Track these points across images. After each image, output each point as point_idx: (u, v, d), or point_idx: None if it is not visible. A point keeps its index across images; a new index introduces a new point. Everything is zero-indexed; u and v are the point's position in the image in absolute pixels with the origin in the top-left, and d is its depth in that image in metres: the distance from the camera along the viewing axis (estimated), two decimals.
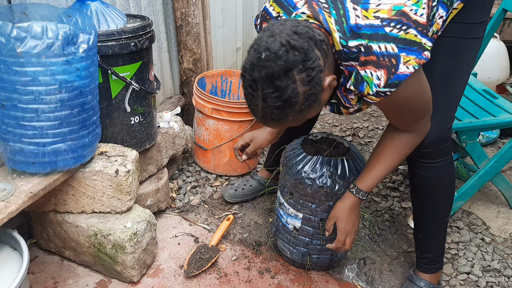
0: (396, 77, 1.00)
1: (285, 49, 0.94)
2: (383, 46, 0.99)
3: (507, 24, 3.27)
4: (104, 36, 1.38)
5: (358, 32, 1.01)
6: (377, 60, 1.00)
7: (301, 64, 0.95)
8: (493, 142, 2.52)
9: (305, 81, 0.96)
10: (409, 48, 0.99)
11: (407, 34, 0.99)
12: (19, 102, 1.18)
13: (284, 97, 0.96)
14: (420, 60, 1.00)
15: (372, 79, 1.02)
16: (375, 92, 1.03)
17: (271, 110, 0.99)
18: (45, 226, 1.55)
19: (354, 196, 1.29)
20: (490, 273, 1.65)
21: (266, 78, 0.95)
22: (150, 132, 1.67)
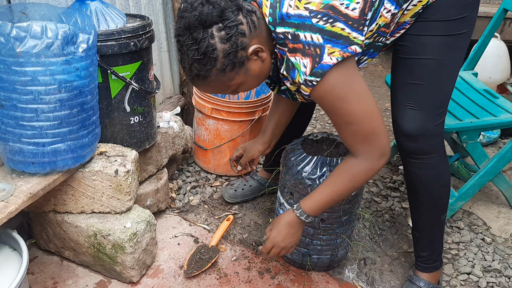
0: (320, 66, 1.03)
1: (201, 2, 1.01)
2: (309, 36, 1.03)
3: (508, 24, 3.27)
4: (103, 36, 1.38)
5: (287, 21, 1.05)
6: (303, 48, 1.04)
7: (219, 21, 1.01)
8: (493, 142, 2.51)
9: (224, 38, 1.02)
10: (335, 41, 1.03)
11: (333, 27, 1.04)
12: (18, 102, 1.18)
13: (202, 49, 1.02)
14: (345, 53, 1.03)
15: (300, 67, 1.06)
16: (303, 80, 1.07)
17: (193, 63, 1.05)
18: (44, 226, 1.55)
19: (293, 212, 1.26)
20: (490, 274, 1.65)
21: (185, 29, 1.02)
22: (149, 132, 1.67)
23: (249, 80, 1.14)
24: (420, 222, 1.45)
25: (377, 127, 1.12)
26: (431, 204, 1.40)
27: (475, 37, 2.14)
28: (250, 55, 1.08)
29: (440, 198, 1.40)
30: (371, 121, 1.11)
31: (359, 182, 1.18)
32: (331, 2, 1.05)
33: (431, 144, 1.30)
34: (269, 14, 1.07)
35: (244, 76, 1.11)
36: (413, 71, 1.26)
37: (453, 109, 1.83)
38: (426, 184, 1.36)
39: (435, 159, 1.33)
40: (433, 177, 1.35)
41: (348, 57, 1.04)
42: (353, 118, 1.10)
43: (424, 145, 1.29)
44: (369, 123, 1.11)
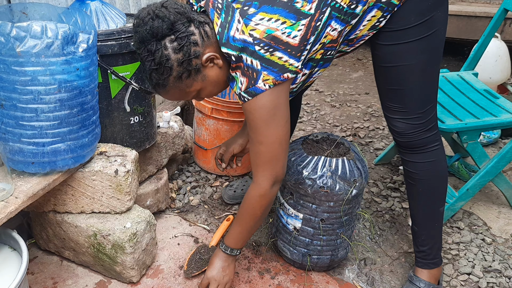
0: (253, 89, 1.13)
1: (150, 17, 1.09)
2: (249, 60, 1.12)
3: (508, 24, 3.27)
4: (103, 36, 1.38)
5: (232, 44, 1.13)
6: (243, 68, 1.14)
7: (169, 32, 1.09)
8: (494, 142, 2.51)
9: (176, 49, 1.10)
10: (271, 69, 1.12)
11: (272, 56, 1.12)
12: (18, 101, 1.18)
13: (157, 60, 1.11)
14: (277, 81, 1.13)
15: (238, 82, 1.16)
16: (238, 93, 1.17)
17: (151, 73, 1.14)
18: (44, 226, 1.55)
19: (223, 252, 1.41)
20: (491, 274, 1.64)
21: (140, 42, 1.11)
22: (149, 132, 1.67)
23: (208, 86, 1.22)
24: (419, 215, 1.48)
25: (281, 154, 1.23)
26: (429, 195, 1.43)
27: (476, 37, 2.14)
28: (205, 63, 1.16)
29: (437, 188, 1.43)
30: (279, 147, 1.22)
31: (257, 210, 1.30)
32: (274, 32, 1.12)
33: (424, 138, 1.36)
34: (218, 32, 1.15)
35: (202, 83, 1.19)
36: (389, 77, 1.32)
37: (453, 109, 1.83)
38: (423, 174, 1.40)
39: (431, 150, 1.38)
40: (430, 167, 1.40)
41: (280, 83, 1.14)
42: (266, 139, 1.20)
43: (416, 140, 1.36)
44: (277, 148, 1.22)
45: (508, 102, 1.91)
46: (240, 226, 1.36)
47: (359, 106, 3.06)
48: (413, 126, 1.33)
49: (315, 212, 1.45)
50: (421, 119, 1.33)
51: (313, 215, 1.46)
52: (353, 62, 3.95)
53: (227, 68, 1.21)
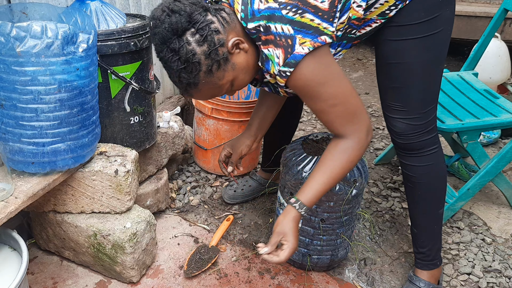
0: (293, 57, 1.05)
1: (166, 13, 1.03)
2: (279, 27, 1.05)
3: (508, 24, 3.27)
4: (103, 36, 1.38)
5: (258, 15, 1.07)
6: (275, 39, 1.06)
7: (190, 26, 1.03)
8: (494, 142, 2.51)
9: (200, 41, 1.04)
10: (304, 31, 1.05)
11: (302, 18, 1.05)
12: (18, 101, 1.18)
13: (183, 58, 1.05)
14: (315, 43, 1.05)
15: (274, 58, 1.08)
16: (278, 71, 1.09)
17: (180, 74, 1.08)
18: (44, 226, 1.55)
19: (297, 211, 1.21)
20: (491, 274, 1.64)
21: (162, 44, 1.05)
22: (149, 132, 1.67)
23: (240, 74, 1.15)
24: (418, 217, 1.47)
25: (360, 105, 1.16)
26: (428, 197, 1.42)
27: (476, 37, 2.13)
28: (231, 50, 1.10)
29: (436, 191, 1.43)
30: (355, 100, 1.15)
31: (354, 163, 1.20)
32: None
33: (423, 140, 1.34)
34: (241, 10, 1.09)
35: (233, 72, 1.13)
36: (392, 75, 1.30)
37: (453, 109, 1.83)
38: (422, 177, 1.39)
39: (430, 153, 1.36)
40: (429, 170, 1.38)
41: (319, 46, 1.06)
42: (339, 99, 1.13)
43: (415, 141, 1.34)
44: (354, 102, 1.15)
45: (508, 102, 1.91)
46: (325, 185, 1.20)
47: None
48: (413, 127, 1.32)
49: (315, 212, 1.45)
50: (421, 120, 1.32)
51: (313, 215, 1.46)
52: (353, 62, 3.95)
53: (255, 51, 1.15)
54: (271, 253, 1.19)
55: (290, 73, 1.08)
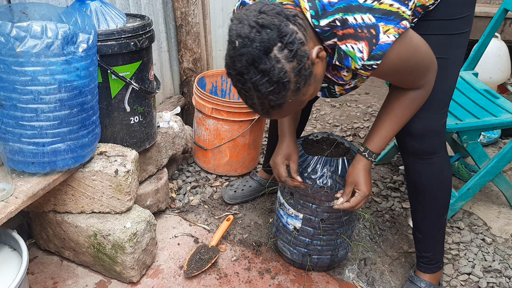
0: (379, 48, 0.98)
1: (256, 30, 0.91)
2: (359, 18, 0.97)
3: (508, 24, 3.26)
4: (103, 36, 1.38)
5: (331, 10, 0.99)
6: (355, 32, 0.98)
7: (278, 41, 0.92)
8: (494, 142, 2.51)
9: (289, 57, 0.93)
10: (386, 18, 0.98)
11: (381, 4, 0.98)
12: (18, 101, 1.18)
13: (274, 79, 0.93)
14: (399, 29, 0.99)
15: (355, 53, 1.00)
16: (361, 66, 1.02)
17: (267, 97, 0.96)
18: (44, 226, 1.55)
19: (367, 159, 1.26)
20: (491, 274, 1.64)
21: (249, 65, 0.93)
22: (149, 132, 1.67)
23: (317, 85, 1.07)
24: (423, 223, 1.44)
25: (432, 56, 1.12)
26: (434, 204, 1.40)
27: (476, 37, 2.14)
28: (314, 60, 1.00)
29: (443, 198, 1.40)
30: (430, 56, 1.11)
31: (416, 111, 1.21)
32: None
33: (435, 144, 1.30)
34: (309, 8, 1.00)
35: (314, 84, 1.03)
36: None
37: (453, 109, 1.83)
38: (430, 184, 1.35)
39: (439, 159, 1.33)
40: (437, 177, 1.35)
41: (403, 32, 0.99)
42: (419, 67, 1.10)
43: (428, 145, 1.30)
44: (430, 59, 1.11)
45: (508, 102, 1.91)
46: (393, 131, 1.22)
47: (359, 106, 3.06)
48: (430, 128, 1.27)
49: (315, 212, 1.45)
50: (438, 121, 1.28)
51: (313, 215, 1.46)
52: None
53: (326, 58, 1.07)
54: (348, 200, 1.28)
55: (377, 66, 1.01)
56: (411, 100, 1.19)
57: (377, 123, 1.25)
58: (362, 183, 1.27)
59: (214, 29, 2.51)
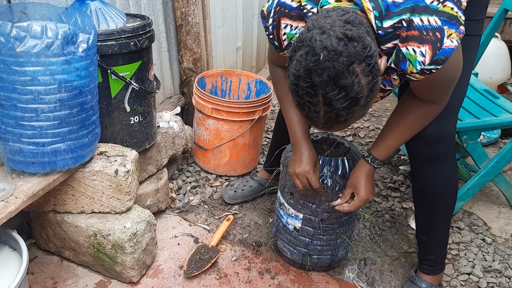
0: (442, 52, 0.94)
1: (344, 42, 0.85)
2: (425, 19, 0.93)
3: (508, 24, 3.27)
4: (103, 36, 1.38)
5: (396, 10, 0.94)
6: (420, 35, 0.94)
7: (361, 55, 0.86)
8: (494, 142, 2.51)
9: (367, 71, 0.88)
10: (449, 21, 0.94)
11: (444, 7, 0.95)
12: (18, 101, 1.18)
13: (351, 95, 0.88)
14: (459, 34, 0.95)
15: (416, 57, 0.96)
16: (419, 70, 0.98)
17: (338, 112, 0.91)
18: (44, 226, 1.55)
19: (369, 165, 1.26)
20: (491, 274, 1.64)
21: (329, 80, 0.86)
22: (149, 132, 1.67)
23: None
24: (431, 227, 1.43)
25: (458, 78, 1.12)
26: (442, 208, 1.38)
27: None
28: (382, 72, 0.96)
29: (452, 201, 1.39)
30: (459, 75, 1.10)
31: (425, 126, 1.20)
32: None
33: (447, 148, 1.28)
34: (373, 8, 0.95)
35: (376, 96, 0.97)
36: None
37: None
38: (442, 189, 1.34)
39: (450, 163, 1.31)
40: (448, 181, 1.33)
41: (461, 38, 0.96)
42: (453, 82, 1.09)
43: (441, 149, 1.27)
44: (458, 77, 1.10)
45: (508, 102, 1.91)
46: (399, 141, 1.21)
47: None
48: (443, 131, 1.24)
49: (315, 212, 1.45)
50: (451, 124, 1.26)
51: (313, 215, 1.46)
52: None
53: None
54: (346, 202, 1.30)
55: (436, 70, 0.97)
56: (426, 114, 1.18)
57: (386, 130, 1.24)
58: (362, 188, 1.27)
59: (214, 29, 2.51)
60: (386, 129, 1.25)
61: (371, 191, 1.29)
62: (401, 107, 1.22)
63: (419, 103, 1.17)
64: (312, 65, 0.86)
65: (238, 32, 2.88)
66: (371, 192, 1.29)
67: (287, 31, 1.13)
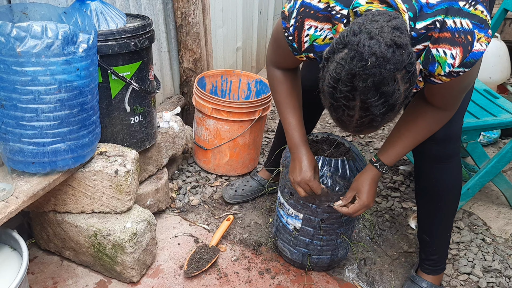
0: (472, 55, 0.94)
1: (392, 50, 0.84)
2: (458, 22, 0.93)
3: (508, 24, 3.27)
4: (104, 36, 1.38)
5: (429, 12, 0.94)
6: (452, 37, 0.93)
7: (407, 62, 0.86)
8: (494, 142, 2.51)
9: (406, 78, 0.88)
10: (479, 25, 0.94)
11: (476, 10, 0.94)
12: (18, 101, 1.18)
13: (390, 101, 0.87)
14: (488, 38, 0.95)
15: (446, 59, 0.95)
16: (447, 72, 0.97)
17: (373, 118, 0.90)
18: (44, 226, 1.55)
19: (377, 170, 1.25)
20: (491, 274, 1.65)
21: (372, 86, 0.85)
22: (150, 132, 1.67)
23: None
24: (435, 227, 1.43)
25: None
26: (446, 208, 1.39)
27: None
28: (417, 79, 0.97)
29: (456, 201, 1.39)
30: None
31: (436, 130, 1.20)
32: None
33: (454, 148, 1.29)
34: (407, 9, 0.94)
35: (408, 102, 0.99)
36: None
37: None
38: (448, 188, 1.34)
39: (455, 163, 1.32)
40: (454, 181, 1.34)
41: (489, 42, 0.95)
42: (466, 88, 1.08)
43: (449, 149, 1.28)
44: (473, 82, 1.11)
45: (508, 102, 1.91)
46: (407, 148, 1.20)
47: None
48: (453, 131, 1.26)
49: (315, 212, 1.45)
50: (459, 124, 1.27)
51: (313, 215, 1.46)
52: None
53: None
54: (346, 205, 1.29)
55: (463, 73, 0.97)
56: (437, 120, 1.18)
57: (396, 136, 1.23)
58: (364, 192, 1.27)
59: (214, 29, 2.51)
60: (397, 134, 1.23)
61: (373, 197, 1.29)
62: (411, 113, 1.21)
63: (431, 109, 1.16)
64: (358, 70, 0.84)
65: (238, 32, 2.88)
66: (372, 198, 1.28)
67: (311, 33, 1.10)
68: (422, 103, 1.18)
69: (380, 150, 1.28)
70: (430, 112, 1.17)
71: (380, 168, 1.25)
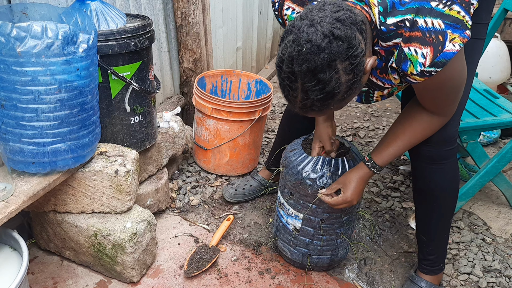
0: (443, 55, 0.95)
1: (328, 40, 0.88)
2: (429, 21, 0.94)
3: (508, 24, 3.27)
4: (104, 36, 1.38)
5: (401, 9, 0.95)
6: (423, 37, 0.95)
7: (345, 54, 0.90)
8: (494, 142, 2.51)
9: (348, 69, 0.92)
10: (454, 25, 0.94)
11: (451, 11, 0.95)
12: (18, 102, 1.18)
13: (327, 89, 0.92)
14: (464, 38, 0.95)
15: (417, 58, 0.97)
16: (419, 71, 0.98)
17: (312, 102, 0.95)
18: (44, 226, 1.55)
19: (368, 169, 1.27)
20: (491, 274, 1.65)
21: (308, 72, 0.90)
22: (150, 132, 1.67)
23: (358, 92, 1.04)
24: (432, 227, 1.43)
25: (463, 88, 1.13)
26: (443, 208, 1.39)
27: None
28: (367, 72, 0.99)
29: (453, 202, 1.40)
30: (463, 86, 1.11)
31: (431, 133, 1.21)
32: None
33: (449, 149, 1.29)
34: (378, 4, 0.97)
35: (356, 93, 1.01)
36: None
37: None
38: (443, 189, 1.34)
39: (451, 164, 1.32)
40: (450, 181, 1.34)
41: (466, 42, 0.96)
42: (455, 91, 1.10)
43: (444, 150, 1.28)
44: (462, 88, 1.11)
45: (508, 102, 1.91)
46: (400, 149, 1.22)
47: (359, 106, 3.06)
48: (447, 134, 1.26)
49: (315, 212, 1.45)
50: (455, 126, 1.27)
51: (313, 215, 1.46)
52: None
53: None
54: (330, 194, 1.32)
55: (436, 73, 0.98)
56: (432, 126, 1.19)
57: (390, 137, 1.25)
58: (350, 189, 1.28)
59: (214, 29, 2.51)
60: (391, 135, 1.25)
61: (358, 195, 1.29)
62: (407, 116, 1.22)
63: (426, 114, 1.18)
64: (295, 54, 0.91)
65: (238, 32, 2.88)
66: (357, 196, 1.29)
67: (288, 13, 1.17)
68: (419, 107, 1.19)
69: (373, 150, 1.29)
70: (425, 117, 1.18)
71: (372, 167, 1.27)
